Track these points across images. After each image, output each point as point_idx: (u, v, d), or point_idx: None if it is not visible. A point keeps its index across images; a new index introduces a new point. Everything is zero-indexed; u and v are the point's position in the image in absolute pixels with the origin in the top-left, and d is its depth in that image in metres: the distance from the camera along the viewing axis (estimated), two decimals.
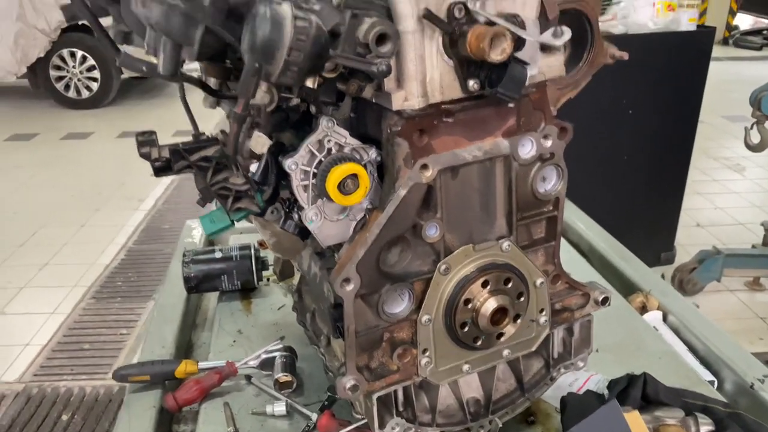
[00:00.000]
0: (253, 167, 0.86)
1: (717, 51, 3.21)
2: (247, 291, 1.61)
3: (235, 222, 0.98)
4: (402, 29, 0.78)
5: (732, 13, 10.02)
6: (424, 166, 0.87)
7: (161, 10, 0.70)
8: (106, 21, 0.91)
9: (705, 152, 5.54)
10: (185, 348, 1.49)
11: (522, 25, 0.81)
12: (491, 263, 0.95)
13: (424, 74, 0.81)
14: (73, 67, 7.38)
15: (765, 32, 10.26)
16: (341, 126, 0.88)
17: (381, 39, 0.74)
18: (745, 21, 10.65)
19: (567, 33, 0.74)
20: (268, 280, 1.65)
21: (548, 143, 0.95)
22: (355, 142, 0.90)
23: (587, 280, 1.58)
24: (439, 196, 0.90)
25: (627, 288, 1.64)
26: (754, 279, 3.50)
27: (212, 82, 0.96)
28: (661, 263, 3.43)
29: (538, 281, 1.01)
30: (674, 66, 2.97)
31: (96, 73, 7.44)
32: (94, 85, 7.50)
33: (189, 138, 0.91)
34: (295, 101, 0.92)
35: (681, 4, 2.91)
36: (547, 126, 0.94)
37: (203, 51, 0.72)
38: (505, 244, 0.96)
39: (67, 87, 7.48)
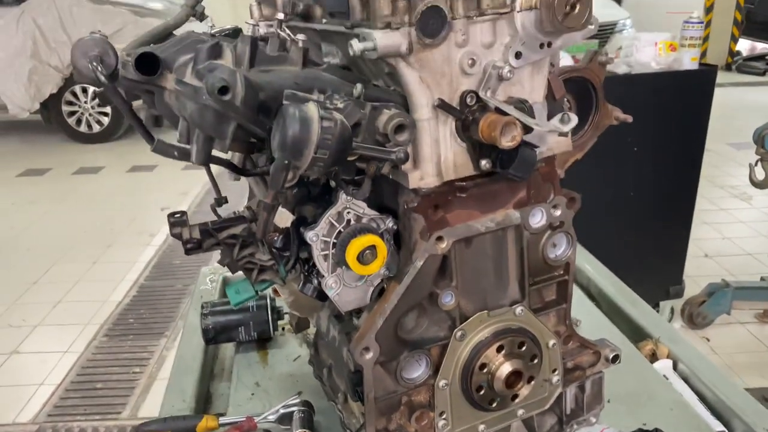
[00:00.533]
0: (278, 241, 0.90)
1: (720, 77, 3.26)
2: (263, 341, 1.65)
3: (259, 292, 1.03)
4: (418, 117, 0.83)
5: (734, 39, 10.12)
6: (439, 239, 0.91)
7: (196, 107, 0.75)
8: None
9: (711, 181, 5.57)
10: (204, 400, 1.52)
11: (530, 110, 0.86)
12: (506, 328, 0.99)
13: (439, 156, 0.86)
14: (85, 102, 7.52)
15: (767, 57, 10.35)
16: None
17: (399, 129, 0.79)
18: (746, 46, 10.76)
19: (574, 119, 0.79)
20: (283, 329, 1.68)
21: (558, 213, 0.99)
22: (372, 213, 0.95)
23: (596, 326, 1.61)
24: (454, 266, 0.95)
25: (636, 333, 1.67)
26: (764, 311, 3.50)
27: (236, 158, 1.02)
28: (670, 297, 3.44)
29: (551, 343, 1.04)
30: (678, 104, 3.02)
31: (107, 108, 7.58)
32: (105, 120, 7.63)
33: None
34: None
35: (683, 44, 2.97)
36: (556, 197, 0.98)
37: (234, 142, 0.77)
38: (519, 309, 1.00)
39: (78, 122, 7.61)
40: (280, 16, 0.98)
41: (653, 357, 1.57)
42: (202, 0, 1.13)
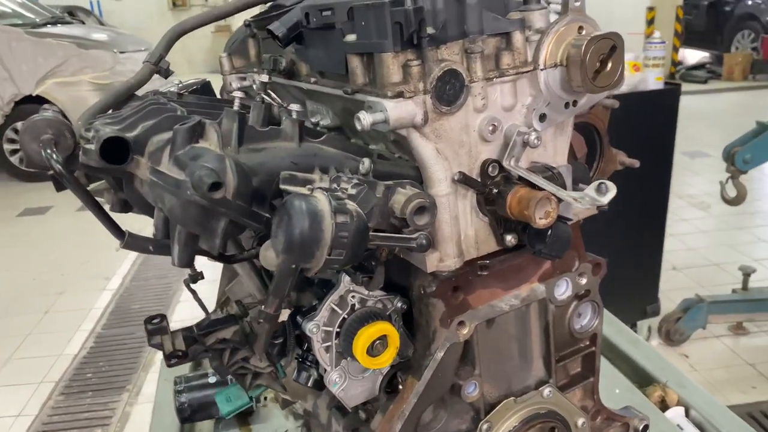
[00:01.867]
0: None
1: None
2: (244, 415, 1.50)
3: (254, 398, 0.89)
4: (436, 193, 0.72)
5: (675, 50, 10.44)
6: (461, 324, 0.80)
7: (177, 202, 0.62)
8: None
9: (670, 191, 5.65)
10: None
11: (559, 177, 0.76)
12: (534, 414, 0.89)
13: (459, 234, 0.75)
14: None
15: (707, 66, 10.72)
16: None
17: (419, 211, 0.68)
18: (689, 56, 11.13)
19: (612, 189, 0.69)
20: (265, 398, 1.54)
21: (583, 281, 0.89)
22: (378, 293, 0.83)
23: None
24: (477, 351, 0.84)
25: (640, 377, 1.59)
26: (737, 323, 3.51)
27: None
28: (647, 316, 3.42)
29: (581, 422, 0.94)
30: (646, 123, 3.01)
31: None
32: None
33: None
34: None
35: (646, 64, 2.97)
36: (581, 264, 0.89)
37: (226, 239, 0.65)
38: (547, 390, 0.89)
39: (21, 160, 7.23)
40: (264, 78, 0.87)
41: (663, 404, 1.49)
42: (165, 55, 1.00)
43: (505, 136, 0.74)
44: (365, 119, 0.65)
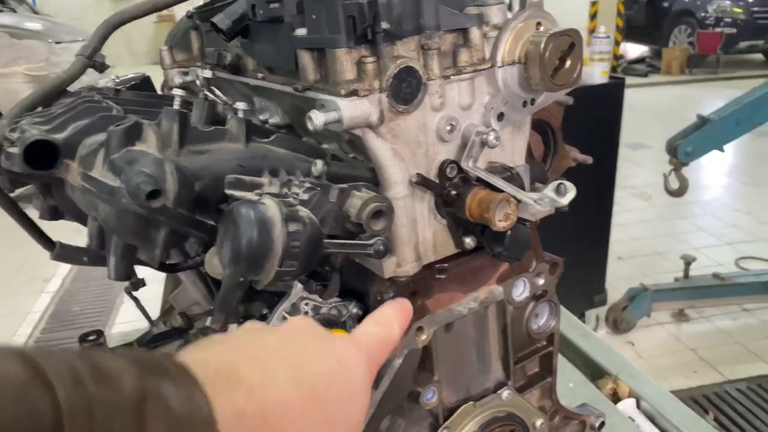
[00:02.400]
0: None
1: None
2: None
3: None
4: (392, 195, 0.69)
5: (617, 44, 10.73)
6: (420, 329, 0.77)
7: (112, 210, 0.57)
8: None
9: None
10: None
11: (518, 177, 0.74)
12: (493, 418, 0.87)
13: (417, 237, 0.72)
14: None
15: (647, 60, 11.06)
16: None
17: (376, 216, 0.65)
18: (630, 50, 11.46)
19: (572, 189, 0.68)
20: None
21: (541, 281, 0.88)
22: (332, 300, 0.80)
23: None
24: (435, 356, 0.81)
25: (592, 369, 1.61)
26: (679, 311, 3.64)
27: None
28: (594, 305, 3.50)
29: (539, 423, 0.93)
30: (592, 116, 3.07)
31: None
32: None
33: None
34: None
35: (592, 58, 3.02)
36: (539, 264, 0.87)
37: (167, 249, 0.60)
38: (505, 393, 0.88)
39: None
40: (207, 73, 0.81)
41: (614, 396, 1.51)
42: (100, 48, 0.94)
43: (463, 135, 0.71)
44: (317, 119, 0.61)
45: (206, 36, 0.97)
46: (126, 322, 3.79)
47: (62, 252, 0.65)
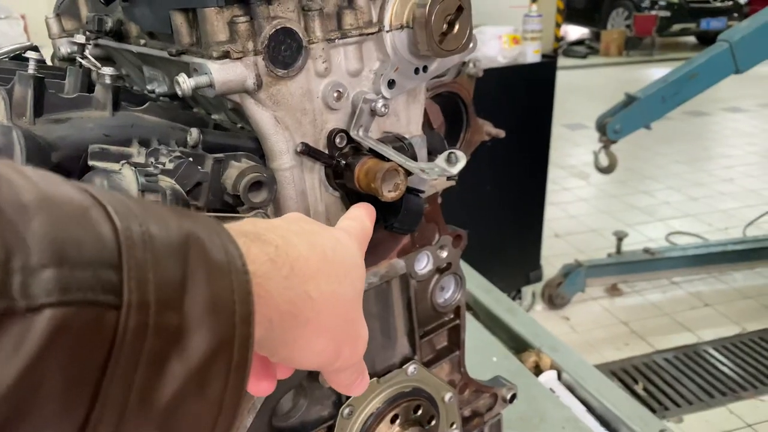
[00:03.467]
0: None
1: None
2: None
3: None
4: (277, 167, 0.66)
5: (558, 26, 10.91)
6: None
7: None
8: None
9: (552, 162, 5.90)
10: None
11: (411, 147, 0.72)
12: (399, 393, 0.86)
13: (308, 210, 0.70)
14: None
15: (587, 42, 11.29)
16: None
17: (254, 187, 0.62)
18: (571, 32, 11.66)
19: (462, 158, 0.66)
20: None
21: (444, 254, 0.87)
22: None
23: (477, 339, 1.54)
24: None
25: (517, 343, 1.63)
26: (612, 285, 3.75)
27: None
28: (530, 282, 3.56)
29: (447, 396, 0.92)
30: (524, 95, 3.10)
31: None
32: None
33: None
34: None
35: (525, 37, 3.04)
36: (441, 237, 0.86)
37: None
38: (411, 368, 0.87)
39: None
40: (81, 38, 0.76)
41: (537, 369, 1.53)
42: None
43: (352, 103, 0.69)
44: (185, 83, 0.57)
45: (90, 2, 0.90)
46: None
47: None
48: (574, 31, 11.91)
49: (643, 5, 10.45)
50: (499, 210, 3.24)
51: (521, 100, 3.09)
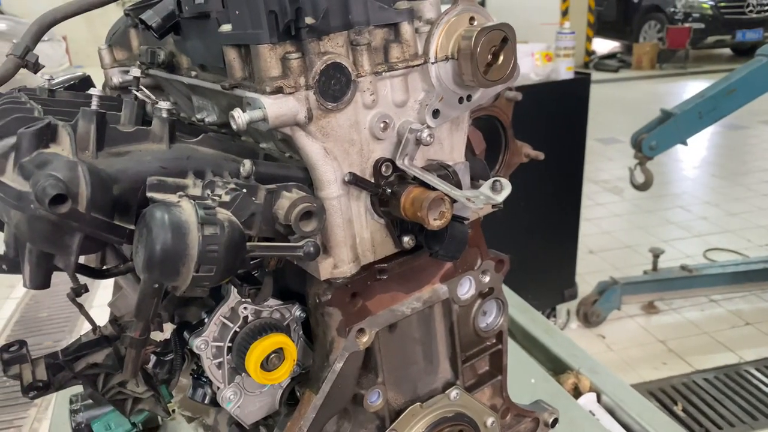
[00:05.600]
0: (155, 364, 0.71)
1: None
2: (152, 429, 1.41)
3: (138, 423, 0.82)
4: (326, 196, 0.67)
5: (589, 40, 10.83)
6: (361, 331, 0.76)
7: (23, 217, 0.55)
8: None
9: (585, 176, 5.84)
10: None
11: (454, 175, 0.73)
12: (441, 418, 0.86)
13: (354, 237, 0.71)
14: None
15: (618, 55, 11.18)
16: None
17: (305, 217, 0.63)
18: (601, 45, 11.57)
19: (507, 186, 0.66)
20: (173, 411, 1.45)
21: (486, 279, 0.87)
22: (273, 302, 0.78)
23: (515, 360, 1.53)
24: (379, 358, 0.80)
25: (555, 364, 1.61)
26: (648, 303, 3.68)
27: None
28: (565, 300, 3.52)
29: (490, 421, 0.92)
30: (558, 112, 3.08)
31: None
32: None
33: None
34: None
35: (558, 54, 3.03)
36: (484, 262, 0.86)
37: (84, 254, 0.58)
38: (454, 393, 0.87)
39: None
40: (136, 72, 0.79)
41: (576, 391, 1.51)
42: (33, 48, 0.90)
43: (397, 133, 0.70)
44: (240, 118, 0.59)
45: (143, 34, 0.94)
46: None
47: None
48: (605, 45, 11.80)
49: (676, 17, 10.32)
50: (533, 226, 3.22)
51: (554, 116, 3.08)
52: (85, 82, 1.04)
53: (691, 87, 8.62)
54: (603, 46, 11.77)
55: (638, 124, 3.06)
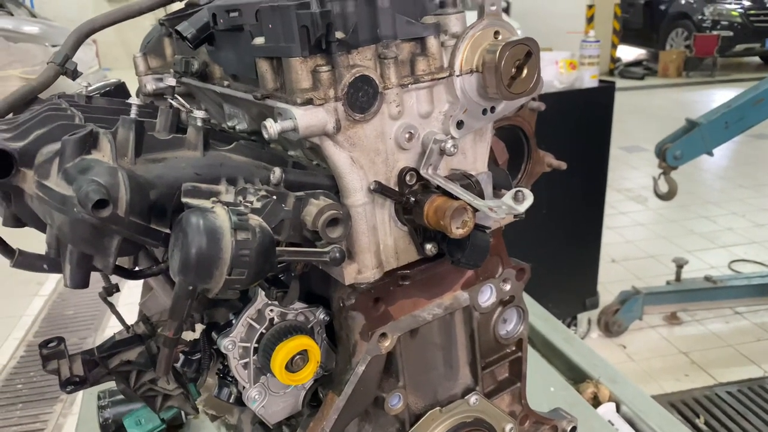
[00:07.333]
0: (184, 362, 0.73)
1: None
2: (174, 428, 1.44)
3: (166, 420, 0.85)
4: (351, 203, 0.69)
5: (614, 47, 10.75)
6: (383, 336, 0.78)
7: (65, 219, 0.58)
8: None
9: (609, 185, 5.79)
10: None
11: (477, 185, 0.74)
12: (460, 423, 0.87)
13: (378, 244, 0.73)
14: None
15: (644, 63, 11.07)
16: None
17: (332, 223, 0.65)
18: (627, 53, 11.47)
19: (529, 197, 0.68)
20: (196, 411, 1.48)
21: (507, 287, 0.89)
22: (299, 306, 0.80)
23: (534, 368, 1.53)
24: (401, 362, 0.82)
25: (574, 373, 1.61)
26: (671, 314, 3.64)
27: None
28: (586, 309, 3.50)
29: (508, 427, 0.93)
30: (582, 120, 3.07)
31: None
32: None
33: None
34: None
35: (582, 62, 3.03)
36: (505, 270, 0.88)
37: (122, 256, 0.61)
38: (473, 398, 0.88)
39: None
40: (171, 81, 0.82)
41: (595, 400, 1.51)
42: (72, 55, 0.94)
43: (422, 143, 0.72)
44: (272, 127, 0.62)
45: (177, 43, 0.97)
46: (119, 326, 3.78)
47: (22, 259, 0.65)
48: (631, 52, 11.70)
49: (704, 25, 10.19)
50: (555, 234, 3.21)
51: (578, 124, 3.07)
52: (120, 89, 1.08)
53: (719, 96, 8.50)
54: (629, 53, 11.67)
55: (663, 132, 3.04)
